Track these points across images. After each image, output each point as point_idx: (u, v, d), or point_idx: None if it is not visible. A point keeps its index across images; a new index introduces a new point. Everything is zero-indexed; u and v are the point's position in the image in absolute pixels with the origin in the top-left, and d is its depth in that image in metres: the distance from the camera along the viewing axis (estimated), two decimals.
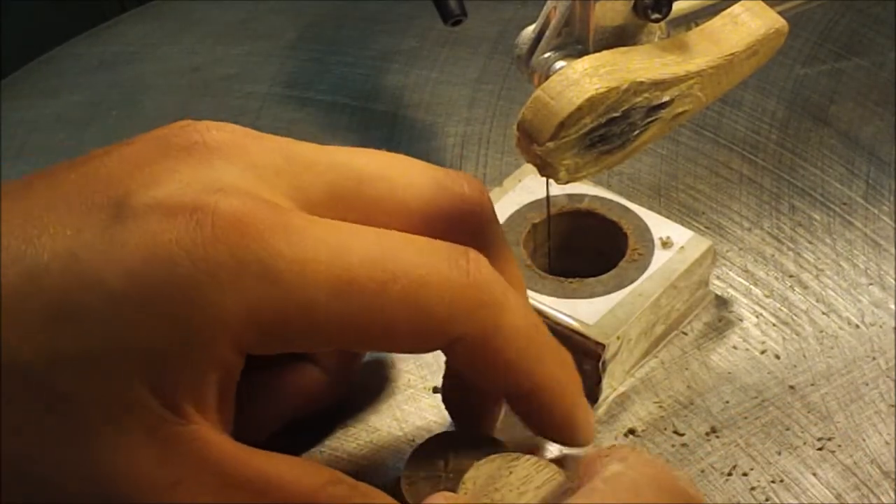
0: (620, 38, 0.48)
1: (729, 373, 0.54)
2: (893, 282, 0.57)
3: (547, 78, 0.46)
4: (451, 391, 0.50)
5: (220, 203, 0.40)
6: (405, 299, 0.41)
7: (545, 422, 0.46)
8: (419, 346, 0.43)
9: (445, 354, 0.45)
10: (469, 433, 0.49)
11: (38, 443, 0.40)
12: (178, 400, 0.40)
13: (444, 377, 0.50)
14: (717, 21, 0.49)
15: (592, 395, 0.53)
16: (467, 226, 0.45)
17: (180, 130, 0.43)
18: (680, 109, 0.48)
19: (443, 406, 0.51)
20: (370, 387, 0.53)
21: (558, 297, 0.53)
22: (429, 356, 0.54)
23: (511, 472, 0.44)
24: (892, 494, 0.49)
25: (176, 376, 0.40)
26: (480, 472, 0.44)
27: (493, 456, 0.45)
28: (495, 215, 0.47)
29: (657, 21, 0.47)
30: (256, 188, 0.42)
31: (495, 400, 0.49)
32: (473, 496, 0.43)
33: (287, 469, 0.42)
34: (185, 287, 0.39)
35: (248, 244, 0.40)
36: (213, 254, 0.39)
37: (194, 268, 0.39)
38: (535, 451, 0.47)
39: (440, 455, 0.47)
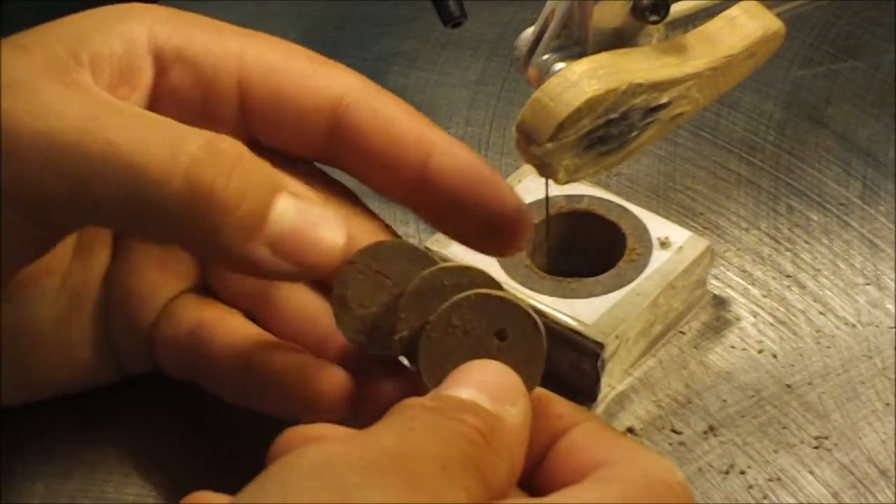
0: (619, 39, 0.48)
1: (727, 372, 0.54)
2: (890, 282, 0.58)
3: (546, 79, 0.47)
4: None
5: None
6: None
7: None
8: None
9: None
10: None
11: None
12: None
13: None
14: (714, 23, 0.49)
15: (591, 393, 0.53)
16: None
17: None
18: (678, 111, 0.48)
19: None
20: None
21: (557, 296, 0.53)
22: None
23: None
24: (889, 493, 0.50)
25: None
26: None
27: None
28: None
29: (655, 23, 0.47)
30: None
31: None
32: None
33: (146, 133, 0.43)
34: None
35: None
36: None
37: None
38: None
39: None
